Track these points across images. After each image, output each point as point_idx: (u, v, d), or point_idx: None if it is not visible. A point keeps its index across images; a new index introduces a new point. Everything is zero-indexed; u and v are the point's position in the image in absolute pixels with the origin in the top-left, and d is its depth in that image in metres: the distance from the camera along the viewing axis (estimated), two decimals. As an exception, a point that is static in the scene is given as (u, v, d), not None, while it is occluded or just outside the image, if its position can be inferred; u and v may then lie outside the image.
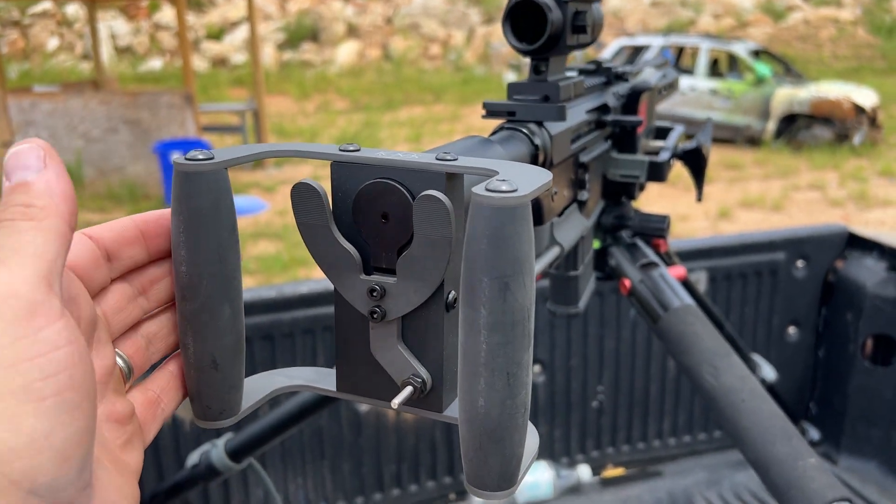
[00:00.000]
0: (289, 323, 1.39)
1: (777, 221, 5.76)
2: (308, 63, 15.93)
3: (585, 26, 0.63)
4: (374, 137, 9.30)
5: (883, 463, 1.64)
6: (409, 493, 1.58)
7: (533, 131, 0.60)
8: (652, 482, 1.70)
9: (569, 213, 0.73)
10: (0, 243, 0.31)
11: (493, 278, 0.32)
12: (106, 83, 8.10)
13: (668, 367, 1.72)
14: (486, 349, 0.33)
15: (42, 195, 0.32)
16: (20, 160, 0.33)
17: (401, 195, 0.39)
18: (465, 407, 0.35)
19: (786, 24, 16.19)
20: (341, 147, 0.41)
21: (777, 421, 0.71)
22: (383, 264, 0.40)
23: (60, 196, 0.33)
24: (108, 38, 15.30)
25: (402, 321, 0.41)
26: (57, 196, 0.33)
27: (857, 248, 1.69)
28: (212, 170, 0.38)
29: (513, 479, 0.36)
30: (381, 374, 0.42)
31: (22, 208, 0.32)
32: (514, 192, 0.32)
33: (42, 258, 0.31)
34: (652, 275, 0.86)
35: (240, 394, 0.43)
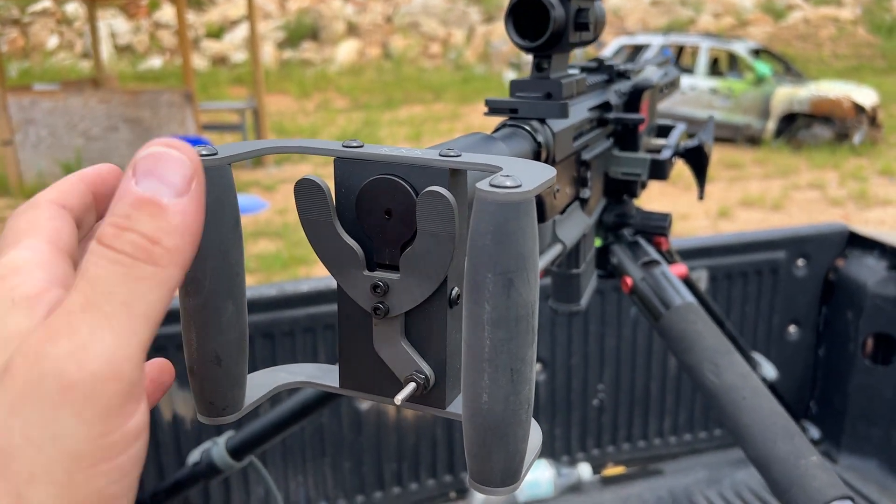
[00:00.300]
0: (289, 321, 1.39)
1: (777, 221, 5.76)
2: (308, 62, 15.92)
3: (588, 23, 0.63)
4: (374, 136, 9.30)
5: (883, 462, 1.64)
6: (410, 492, 1.58)
7: (535, 128, 0.60)
8: (652, 480, 1.70)
9: (571, 210, 0.73)
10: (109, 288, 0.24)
11: (497, 274, 0.32)
12: (106, 81, 8.10)
13: (668, 365, 1.73)
14: (490, 345, 0.33)
15: (174, 232, 0.25)
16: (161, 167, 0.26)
17: (404, 191, 0.39)
18: (469, 403, 0.35)
19: (786, 23, 16.19)
20: (345, 143, 0.41)
21: (779, 419, 0.71)
22: (386, 260, 0.40)
23: (193, 239, 0.26)
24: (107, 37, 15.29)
25: (405, 317, 0.41)
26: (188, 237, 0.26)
27: (858, 247, 1.69)
28: (215, 165, 0.38)
29: (516, 476, 0.36)
30: (384, 370, 0.42)
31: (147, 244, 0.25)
32: (518, 188, 0.32)
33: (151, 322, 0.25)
34: (654, 273, 0.86)
35: (243, 390, 0.43)
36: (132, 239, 0.25)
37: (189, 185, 0.26)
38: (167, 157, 0.26)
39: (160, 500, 1.20)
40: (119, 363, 0.24)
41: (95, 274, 0.24)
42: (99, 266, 0.24)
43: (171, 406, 1.35)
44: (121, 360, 0.24)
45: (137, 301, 0.24)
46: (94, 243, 0.25)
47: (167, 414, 1.35)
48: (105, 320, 0.24)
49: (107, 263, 0.24)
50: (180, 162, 0.26)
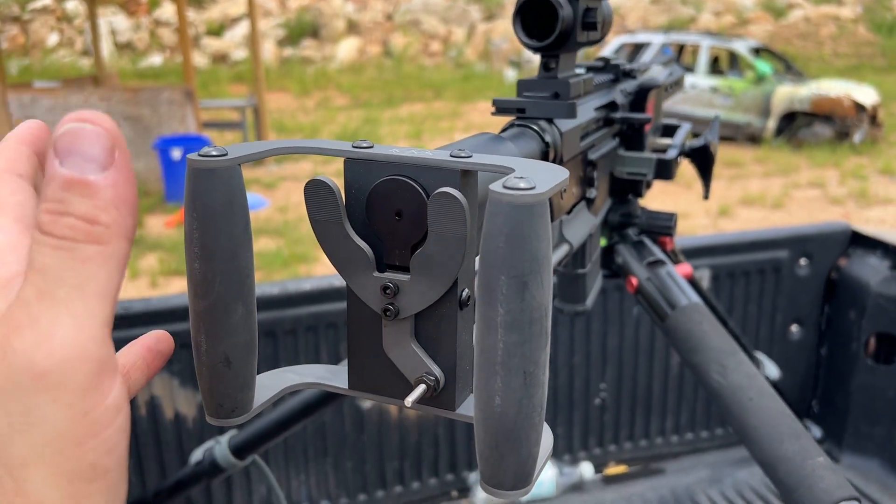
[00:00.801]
0: (292, 320, 1.39)
1: (777, 219, 5.76)
2: (308, 59, 15.91)
3: (596, 23, 0.62)
4: (375, 134, 9.30)
5: (885, 461, 1.64)
6: (412, 490, 1.58)
7: (543, 128, 0.60)
8: (654, 480, 1.70)
9: (577, 210, 0.73)
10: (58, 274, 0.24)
11: (510, 276, 0.32)
12: (106, 79, 8.09)
13: (670, 364, 1.72)
14: (503, 348, 0.33)
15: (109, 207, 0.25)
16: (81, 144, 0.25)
17: (415, 192, 0.38)
18: (481, 406, 0.34)
19: (786, 21, 16.18)
20: (354, 144, 0.41)
21: (785, 419, 0.71)
22: (396, 262, 0.40)
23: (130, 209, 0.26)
24: (108, 34, 15.28)
25: (415, 319, 0.41)
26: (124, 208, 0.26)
27: (861, 246, 1.69)
28: (225, 166, 0.38)
29: (528, 479, 0.36)
30: (393, 371, 0.42)
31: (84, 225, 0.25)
32: (532, 190, 0.32)
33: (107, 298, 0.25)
34: (659, 273, 0.86)
35: (252, 392, 0.43)
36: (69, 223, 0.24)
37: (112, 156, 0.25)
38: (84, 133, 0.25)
39: (163, 498, 1.20)
40: (84, 345, 0.24)
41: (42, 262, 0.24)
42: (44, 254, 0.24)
43: (173, 405, 1.35)
44: (85, 342, 0.24)
45: (88, 282, 0.25)
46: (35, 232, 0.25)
47: (169, 413, 1.35)
48: (62, 306, 0.24)
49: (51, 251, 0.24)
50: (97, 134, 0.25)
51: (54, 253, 0.24)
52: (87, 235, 0.25)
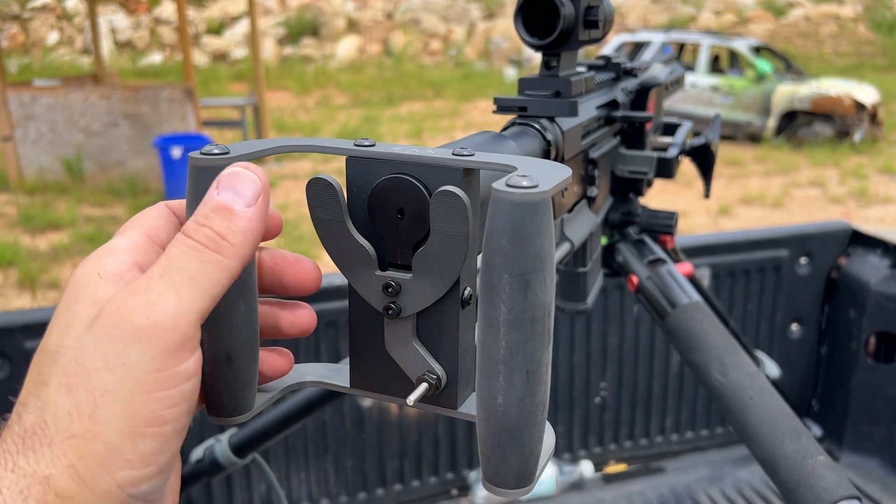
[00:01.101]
0: (292, 318, 1.39)
1: (777, 218, 5.76)
2: (308, 58, 15.90)
3: (597, 21, 0.62)
4: (375, 133, 9.29)
5: (885, 460, 1.64)
6: (412, 489, 1.58)
7: (545, 127, 0.60)
8: (654, 478, 1.70)
9: (578, 209, 0.73)
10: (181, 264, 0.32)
11: (513, 275, 0.32)
12: (106, 77, 8.08)
13: (670, 363, 1.72)
14: (506, 346, 0.33)
15: (239, 233, 0.33)
16: (236, 183, 0.34)
17: (417, 191, 0.38)
18: (484, 405, 0.34)
19: (787, 20, 16.17)
20: (356, 142, 0.41)
21: (786, 418, 0.70)
22: (398, 260, 0.40)
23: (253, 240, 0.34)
24: (108, 33, 15.27)
25: (416, 317, 0.41)
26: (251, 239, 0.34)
27: (861, 245, 1.69)
28: (227, 165, 0.38)
29: (530, 478, 0.36)
30: (395, 370, 0.42)
31: (216, 238, 0.33)
32: (534, 188, 0.32)
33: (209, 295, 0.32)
34: (660, 271, 0.86)
35: (253, 390, 0.43)
36: (206, 233, 0.33)
37: (256, 200, 0.34)
38: (243, 176, 0.34)
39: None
40: (177, 319, 0.31)
41: (173, 253, 0.33)
42: (177, 248, 0.33)
43: (173, 403, 1.35)
44: (179, 318, 0.31)
45: (202, 277, 0.32)
46: (178, 234, 0.33)
47: (170, 411, 1.35)
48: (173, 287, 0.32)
49: (184, 247, 0.33)
50: (252, 181, 0.34)
51: (186, 249, 0.32)
52: (215, 245, 0.33)
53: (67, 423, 0.30)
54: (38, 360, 0.33)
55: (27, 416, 0.31)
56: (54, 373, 0.31)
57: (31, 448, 0.30)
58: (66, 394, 0.31)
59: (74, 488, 0.30)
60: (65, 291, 0.34)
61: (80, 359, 0.31)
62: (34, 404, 0.31)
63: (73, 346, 0.31)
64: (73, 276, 0.35)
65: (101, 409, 0.30)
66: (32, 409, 0.31)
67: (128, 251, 0.36)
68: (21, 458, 0.30)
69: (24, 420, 0.31)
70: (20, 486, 0.29)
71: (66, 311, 0.33)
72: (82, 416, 0.30)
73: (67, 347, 0.32)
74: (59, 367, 0.31)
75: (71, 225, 5.38)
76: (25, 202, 5.97)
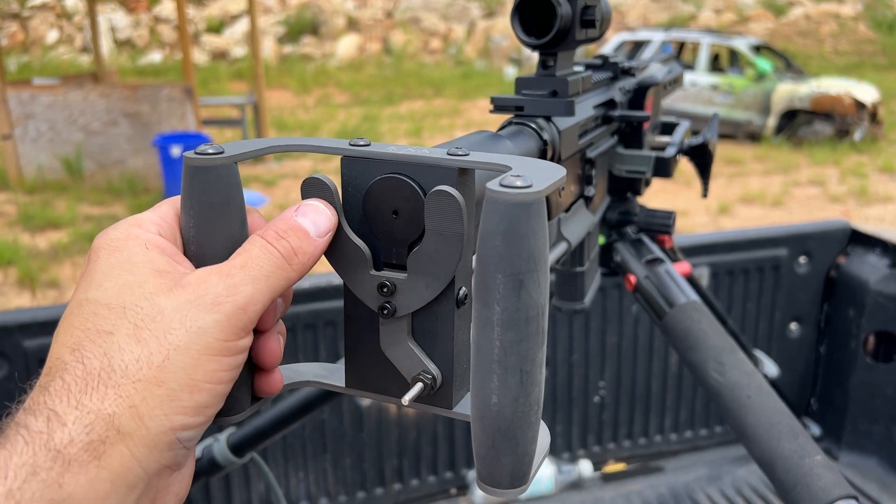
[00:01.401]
0: (290, 318, 1.39)
1: (777, 217, 5.76)
2: (308, 56, 15.90)
3: (594, 20, 0.62)
4: (375, 131, 9.29)
5: (884, 459, 1.64)
6: (411, 488, 1.58)
7: (541, 126, 0.60)
8: (653, 477, 1.70)
9: (576, 208, 0.73)
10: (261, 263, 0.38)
11: (507, 275, 0.32)
12: (106, 76, 8.08)
13: (669, 362, 1.72)
14: (500, 346, 0.33)
15: (305, 255, 0.39)
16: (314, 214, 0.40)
17: (412, 191, 0.38)
18: (478, 404, 0.34)
19: (787, 19, 16.16)
20: (351, 142, 0.41)
21: (783, 418, 0.70)
22: (393, 260, 0.40)
23: (312, 264, 0.40)
24: (107, 31, 15.26)
25: (412, 317, 0.41)
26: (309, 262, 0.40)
27: (860, 244, 1.69)
28: (222, 164, 0.38)
29: (525, 477, 0.36)
30: (390, 370, 0.42)
31: (291, 252, 0.39)
32: (528, 188, 0.31)
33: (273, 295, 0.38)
34: (657, 271, 0.86)
35: (249, 390, 0.43)
36: (285, 245, 0.39)
37: (326, 233, 0.40)
38: (321, 210, 0.40)
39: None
40: (249, 304, 0.37)
41: (255, 252, 0.38)
42: (259, 248, 0.38)
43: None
44: (251, 303, 0.37)
45: (271, 278, 0.38)
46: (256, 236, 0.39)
47: (168, 410, 1.35)
48: (252, 279, 0.37)
49: (264, 250, 0.38)
50: (327, 216, 0.40)
51: (265, 252, 0.38)
52: (289, 257, 0.39)
53: (136, 368, 0.35)
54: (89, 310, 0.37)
55: (91, 360, 0.35)
56: (123, 324, 0.36)
57: (95, 388, 0.34)
58: (136, 343, 0.35)
59: (133, 426, 0.34)
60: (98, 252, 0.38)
61: (155, 316, 0.36)
62: (96, 350, 0.35)
63: (146, 306, 0.36)
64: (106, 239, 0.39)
65: (171, 360, 0.35)
66: (97, 354, 0.35)
67: (157, 224, 0.40)
68: (85, 398, 0.34)
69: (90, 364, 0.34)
70: (85, 422, 0.33)
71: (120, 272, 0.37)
72: (151, 365, 0.35)
73: (138, 305, 0.36)
74: (127, 320, 0.36)
75: (70, 224, 5.38)
76: (25, 201, 5.97)
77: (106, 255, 0.38)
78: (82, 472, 0.32)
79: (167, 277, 0.37)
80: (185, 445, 0.36)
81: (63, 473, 0.32)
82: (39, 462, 0.32)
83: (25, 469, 0.32)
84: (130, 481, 0.34)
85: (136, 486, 0.34)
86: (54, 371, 0.35)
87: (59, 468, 0.32)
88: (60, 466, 0.32)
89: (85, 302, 0.37)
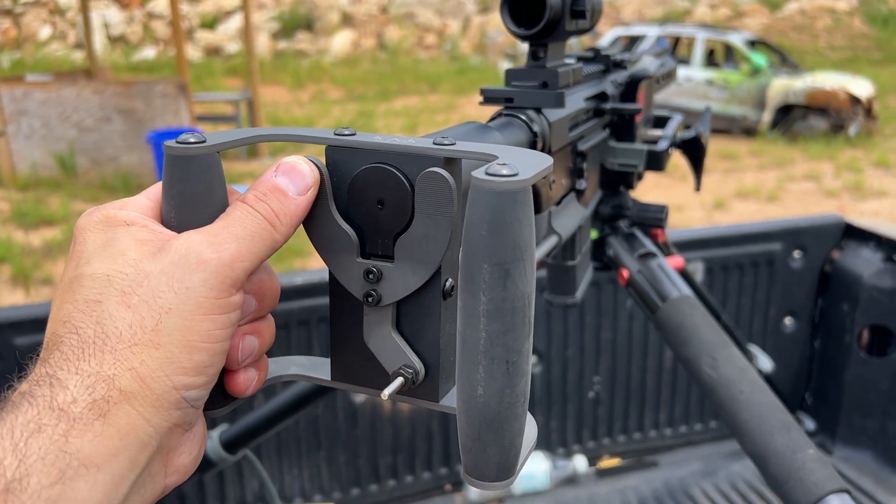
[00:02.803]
0: (284, 314, 1.38)
1: (772, 212, 5.76)
2: (302, 52, 15.86)
3: (584, 11, 0.62)
4: (370, 127, 9.27)
5: (878, 453, 1.64)
6: (405, 484, 1.58)
7: (531, 118, 0.59)
8: (648, 473, 1.70)
9: (567, 202, 0.72)
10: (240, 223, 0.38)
11: (493, 265, 0.31)
12: (99, 72, 8.04)
13: (664, 357, 1.72)
14: (486, 337, 0.32)
15: (287, 216, 0.39)
16: (294, 172, 0.39)
17: (397, 180, 0.38)
18: (464, 396, 0.34)
19: (782, 14, 16.17)
20: (336, 131, 0.40)
21: (776, 413, 0.70)
22: (379, 251, 0.40)
23: (296, 225, 0.40)
24: (100, 27, 15.20)
25: (397, 308, 0.40)
26: (295, 223, 0.39)
27: (854, 238, 1.69)
28: (203, 153, 0.38)
29: (511, 470, 0.36)
30: (374, 362, 0.41)
31: (270, 211, 0.38)
32: (514, 177, 0.31)
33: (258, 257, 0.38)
34: (650, 265, 0.86)
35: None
36: (263, 206, 0.38)
37: (307, 191, 0.39)
38: (299, 166, 0.39)
39: (154, 493, 1.19)
40: (235, 261, 0.37)
41: (237, 214, 0.38)
42: (240, 211, 0.38)
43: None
44: (236, 260, 0.37)
45: (254, 237, 0.38)
46: (237, 201, 0.39)
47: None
48: (235, 237, 0.37)
49: (245, 212, 0.38)
50: (306, 172, 0.39)
51: (247, 214, 0.38)
52: (270, 219, 0.38)
53: (130, 334, 0.35)
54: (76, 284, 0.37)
55: (87, 330, 0.35)
56: (110, 292, 0.36)
57: (92, 355, 0.34)
58: (127, 309, 0.35)
59: (136, 387, 0.34)
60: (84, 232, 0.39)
61: (141, 281, 0.36)
62: (87, 319, 0.35)
63: (131, 272, 0.36)
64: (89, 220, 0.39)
65: (164, 323, 0.35)
66: (88, 324, 0.35)
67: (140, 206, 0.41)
68: (83, 363, 0.34)
69: (84, 333, 0.35)
70: (86, 384, 0.34)
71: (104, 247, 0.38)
72: (145, 329, 0.35)
73: (122, 272, 0.36)
74: (114, 288, 0.36)
75: (64, 220, 5.35)
76: (18, 198, 5.94)
77: (90, 234, 0.39)
78: (88, 429, 0.33)
79: (150, 244, 0.37)
80: (192, 404, 0.37)
81: (69, 430, 0.32)
82: (44, 420, 0.32)
83: (31, 426, 0.32)
84: (141, 439, 0.34)
85: (148, 443, 0.35)
86: (51, 346, 0.36)
87: (64, 425, 0.32)
88: (66, 424, 0.32)
89: (72, 279, 0.37)
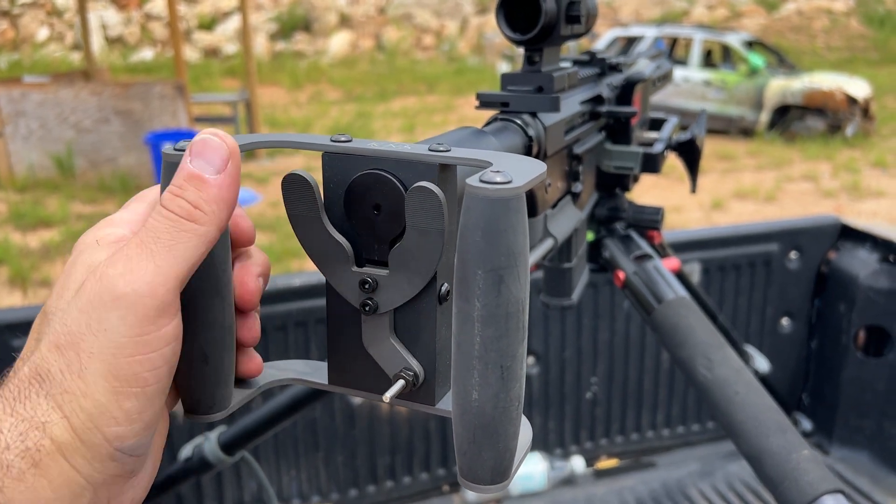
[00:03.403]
0: (281, 315, 1.38)
1: (770, 212, 5.77)
2: (300, 53, 15.86)
3: (579, 16, 0.62)
4: (368, 128, 9.28)
5: (874, 453, 1.64)
6: (403, 485, 1.58)
7: (527, 122, 0.60)
8: (645, 473, 1.70)
9: (562, 204, 0.73)
10: (158, 234, 0.34)
11: (487, 271, 0.32)
12: (97, 74, 8.04)
13: (661, 358, 1.73)
14: (480, 342, 0.33)
15: (212, 201, 0.35)
16: (206, 151, 0.35)
17: (393, 186, 0.38)
18: (459, 400, 0.34)
19: (779, 14, 16.19)
20: (333, 137, 0.40)
21: (771, 414, 0.71)
22: (375, 257, 0.40)
23: (227, 206, 0.36)
24: (98, 29, 15.19)
25: (394, 314, 0.40)
26: (224, 205, 0.35)
27: (850, 239, 1.70)
28: None
29: (506, 473, 0.36)
30: (373, 367, 0.42)
31: (189, 208, 0.34)
32: (508, 184, 0.31)
33: (187, 262, 0.34)
34: (646, 267, 0.86)
35: (230, 388, 0.43)
36: (181, 203, 0.34)
37: (225, 165, 0.35)
38: (210, 143, 0.35)
39: (152, 495, 1.20)
40: (155, 286, 0.33)
41: (151, 224, 0.34)
42: (155, 220, 0.34)
43: (162, 401, 1.34)
44: (157, 285, 0.33)
45: (177, 246, 0.34)
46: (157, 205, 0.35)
47: (159, 408, 1.34)
48: (150, 256, 0.33)
49: (161, 219, 0.34)
50: (219, 146, 0.35)
51: (163, 220, 0.34)
52: (190, 215, 0.34)
53: (60, 379, 0.33)
54: (38, 320, 0.36)
55: (24, 369, 0.34)
56: (47, 332, 0.34)
57: (28, 397, 0.33)
58: (56, 352, 0.33)
59: (68, 438, 0.32)
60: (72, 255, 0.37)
61: (67, 322, 0.33)
62: (31, 360, 0.34)
63: (63, 310, 0.34)
64: (76, 244, 0.38)
65: (88, 369, 0.33)
66: (29, 364, 0.34)
67: (129, 222, 0.38)
68: (19, 405, 0.33)
69: (21, 373, 0.34)
70: (20, 429, 0.32)
71: (64, 276, 0.36)
72: (73, 375, 0.33)
73: (59, 310, 0.34)
74: (50, 328, 0.34)
75: (62, 222, 5.35)
76: (16, 199, 5.94)
77: (72, 258, 0.37)
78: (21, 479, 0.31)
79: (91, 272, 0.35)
80: (129, 454, 0.34)
81: (2, 478, 0.31)
82: None
83: None
84: (74, 490, 0.33)
85: (82, 495, 0.33)
86: (8, 377, 0.35)
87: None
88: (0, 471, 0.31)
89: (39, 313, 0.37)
